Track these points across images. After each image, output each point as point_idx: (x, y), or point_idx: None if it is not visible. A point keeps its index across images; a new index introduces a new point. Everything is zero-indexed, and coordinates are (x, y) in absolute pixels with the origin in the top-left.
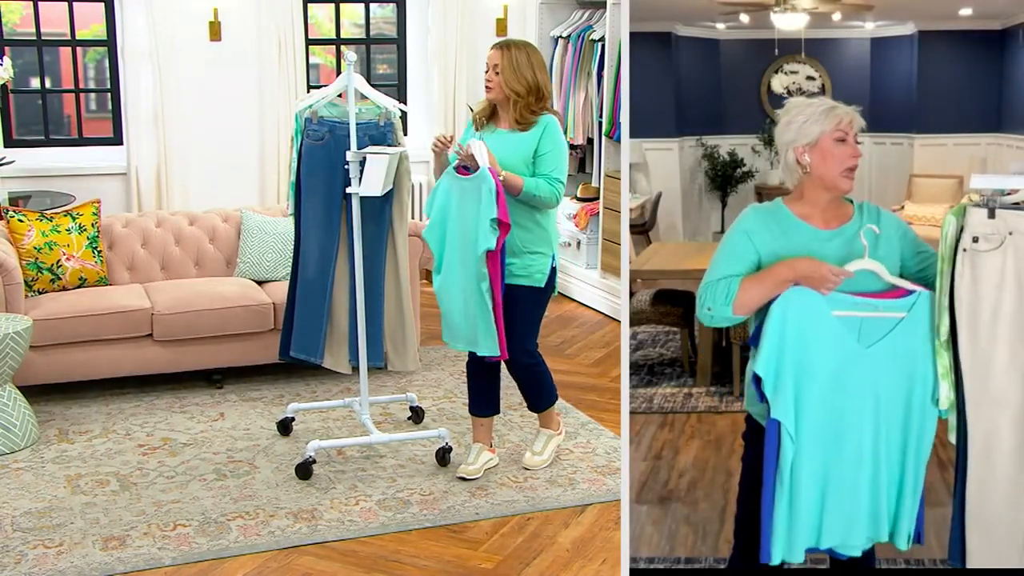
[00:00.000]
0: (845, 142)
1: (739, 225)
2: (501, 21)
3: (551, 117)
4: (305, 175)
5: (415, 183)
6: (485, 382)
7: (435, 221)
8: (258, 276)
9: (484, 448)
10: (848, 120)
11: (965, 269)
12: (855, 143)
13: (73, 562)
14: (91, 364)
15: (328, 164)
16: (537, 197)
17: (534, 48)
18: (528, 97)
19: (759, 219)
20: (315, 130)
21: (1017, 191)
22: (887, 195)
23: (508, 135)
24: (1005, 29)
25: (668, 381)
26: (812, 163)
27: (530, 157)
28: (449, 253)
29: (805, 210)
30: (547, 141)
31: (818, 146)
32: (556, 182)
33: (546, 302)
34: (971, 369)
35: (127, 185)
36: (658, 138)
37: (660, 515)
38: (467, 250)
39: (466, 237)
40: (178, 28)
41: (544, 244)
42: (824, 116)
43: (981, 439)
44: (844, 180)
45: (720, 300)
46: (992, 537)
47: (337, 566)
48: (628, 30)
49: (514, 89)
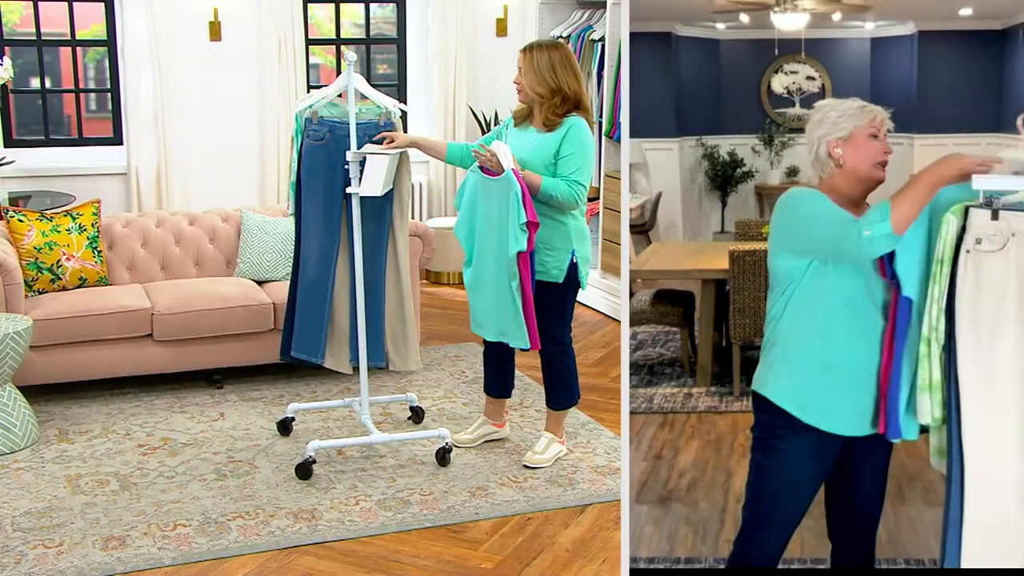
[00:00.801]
0: (878, 138)
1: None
2: (501, 21)
3: (578, 119)
4: (305, 175)
5: (415, 183)
6: (498, 367)
7: (463, 218)
8: (258, 276)
9: (488, 421)
10: (881, 118)
11: (968, 271)
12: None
13: (73, 562)
14: (91, 364)
15: (328, 164)
16: (554, 198)
17: (560, 49)
18: (553, 99)
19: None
20: (315, 130)
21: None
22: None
23: (535, 135)
24: (1005, 29)
25: (668, 381)
26: (845, 156)
27: (551, 158)
28: (480, 248)
29: (840, 201)
30: (569, 143)
31: (852, 140)
32: (575, 184)
33: (569, 297)
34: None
35: (127, 185)
36: (658, 138)
37: (660, 515)
38: (499, 248)
39: (496, 236)
40: (178, 28)
41: (563, 240)
42: (859, 112)
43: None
44: (877, 170)
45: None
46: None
47: (337, 566)
48: (628, 30)
49: (537, 91)
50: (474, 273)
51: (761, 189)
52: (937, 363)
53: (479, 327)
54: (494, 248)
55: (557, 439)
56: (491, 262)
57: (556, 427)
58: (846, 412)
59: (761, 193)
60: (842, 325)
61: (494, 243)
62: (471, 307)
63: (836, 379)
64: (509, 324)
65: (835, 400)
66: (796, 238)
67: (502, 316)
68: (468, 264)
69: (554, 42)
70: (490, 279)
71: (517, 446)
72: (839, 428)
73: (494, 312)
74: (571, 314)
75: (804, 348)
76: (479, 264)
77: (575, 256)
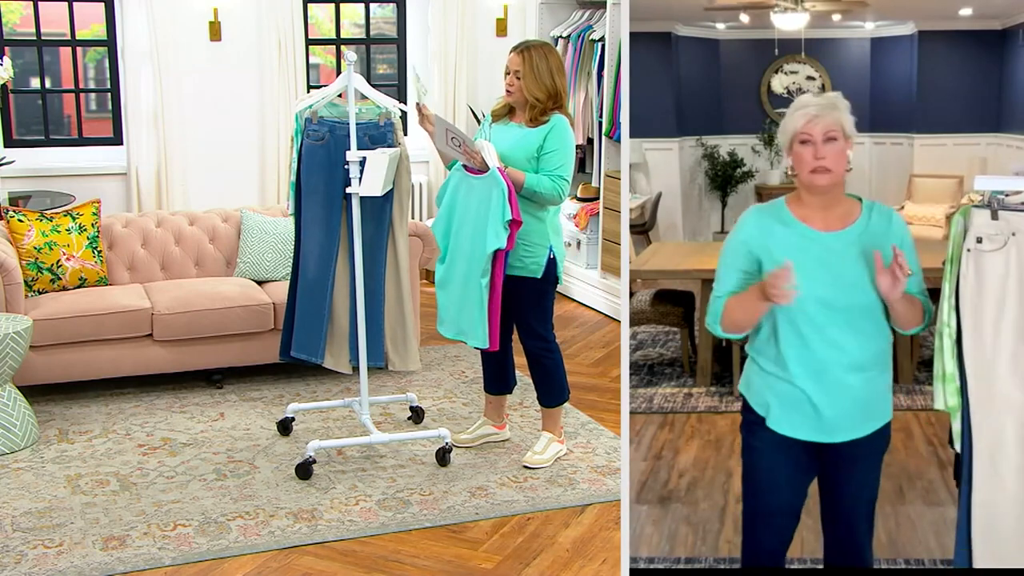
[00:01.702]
0: (809, 143)
1: (738, 233)
2: (501, 21)
3: (560, 116)
4: (305, 175)
5: (415, 183)
6: (495, 363)
7: (442, 214)
8: (258, 276)
9: (488, 422)
10: (811, 120)
11: (969, 269)
12: (823, 143)
13: (73, 562)
14: (91, 364)
15: (328, 164)
16: (538, 193)
17: (552, 49)
18: (547, 102)
19: (758, 222)
20: (315, 130)
21: (1020, 192)
22: (887, 195)
23: (517, 129)
24: (1005, 29)
25: (668, 381)
26: (793, 165)
27: (534, 153)
28: (454, 245)
29: (804, 211)
30: (553, 139)
31: (792, 149)
32: (559, 179)
33: (549, 291)
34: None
35: (127, 185)
36: (658, 138)
37: (660, 515)
38: (474, 244)
39: (473, 232)
40: (178, 28)
41: (540, 236)
42: (791, 119)
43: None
44: (814, 177)
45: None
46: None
47: (337, 566)
48: (628, 30)
49: (534, 95)
50: (445, 270)
51: (761, 189)
52: (950, 355)
53: (441, 323)
54: (468, 245)
55: (556, 438)
56: (463, 259)
57: (553, 425)
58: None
59: (761, 193)
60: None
61: (468, 240)
62: (439, 304)
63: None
64: (472, 322)
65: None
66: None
67: (465, 314)
68: (442, 261)
69: (545, 43)
70: (459, 276)
71: (517, 446)
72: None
73: (456, 310)
74: (551, 310)
75: (766, 352)
76: (451, 261)
77: (552, 251)
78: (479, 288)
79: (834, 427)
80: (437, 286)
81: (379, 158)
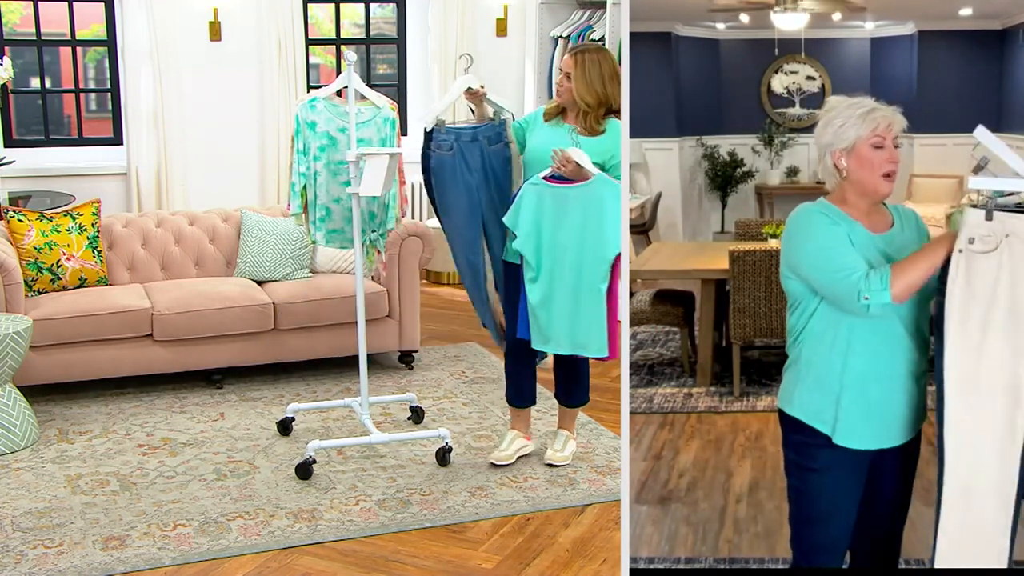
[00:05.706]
0: (882, 148)
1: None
2: (501, 21)
3: (617, 123)
4: (438, 193)
5: (411, 183)
6: (525, 377)
7: (528, 232)
8: (258, 276)
9: (519, 435)
10: (886, 124)
11: (959, 269)
12: (894, 147)
13: (73, 562)
14: (91, 364)
15: (458, 175)
16: None
17: (607, 55)
18: (599, 109)
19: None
20: (444, 140)
21: (1017, 193)
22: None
23: (572, 134)
24: (1005, 29)
25: (668, 381)
26: (849, 168)
27: (598, 160)
28: (549, 261)
29: (854, 213)
30: (617, 149)
31: (855, 151)
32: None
33: None
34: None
35: (127, 185)
36: (658, 138)
37: (660, 515)
38: (583, 254)
39: (580, 242)
40: (178, 28)
41: None
42: (861, 121)
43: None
44: (884, 184)
45: (876, 287)
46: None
47: (337, 566)
48: (628, 30)
49: (584, 100)
50: (546, 288)
51: (761, 189)
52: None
53: (546, 343)
54: (574, 256)
55: (572, 436)
56: (568, 271)
57: (571, 424)
58: (874, 428)
59: (761, 193)
60: (865, 341)
61: (574, 251)
62: (540, 324)
63: (862, 396)
64: (589, 333)
65: (862, 417)
66: (798, 268)
67: (581, 327)
68: (534, 280)
69: (602, 48)
70: (566, 289)
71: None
72: (868, 444)
73: (570, 324)
74: None
75: (828, 365)
76: (550, 277)
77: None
78: (598, 295)
79: (900, 430)
80: (537, 307)
81: (379, 158)
